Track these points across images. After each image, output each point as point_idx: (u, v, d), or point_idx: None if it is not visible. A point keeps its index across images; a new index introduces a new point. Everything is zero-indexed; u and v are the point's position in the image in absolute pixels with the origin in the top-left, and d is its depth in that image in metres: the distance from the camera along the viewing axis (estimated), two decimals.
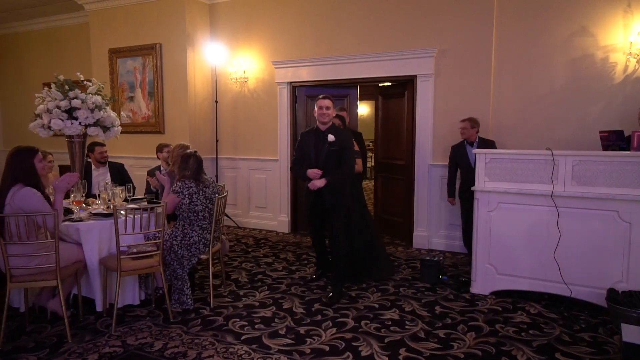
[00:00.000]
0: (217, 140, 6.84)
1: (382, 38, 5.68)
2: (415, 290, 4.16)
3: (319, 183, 3.77)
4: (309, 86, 6.31)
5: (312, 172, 3.80)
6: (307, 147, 3.96)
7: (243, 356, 2.93)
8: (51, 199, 3.20)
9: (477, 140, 4.81)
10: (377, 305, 3.81)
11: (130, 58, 6.96)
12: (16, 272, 3.07)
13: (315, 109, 3.92)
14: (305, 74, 6.20)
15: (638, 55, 4.51)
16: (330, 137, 3.82)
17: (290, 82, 6.35)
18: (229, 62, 6.67)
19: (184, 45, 6.51)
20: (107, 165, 5.01)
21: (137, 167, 6.48)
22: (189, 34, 6.52)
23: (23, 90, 8.79)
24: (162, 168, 4.86)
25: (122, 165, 5.21)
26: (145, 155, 6.55)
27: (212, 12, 6.81)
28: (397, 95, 6.01)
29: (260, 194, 6.73)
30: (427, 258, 4.44)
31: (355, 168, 4.19)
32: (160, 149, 5.00)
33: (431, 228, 5.63)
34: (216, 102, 6.78)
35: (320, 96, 3.94)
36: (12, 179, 3.06)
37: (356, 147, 4.40)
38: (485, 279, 4.03)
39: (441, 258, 4.48)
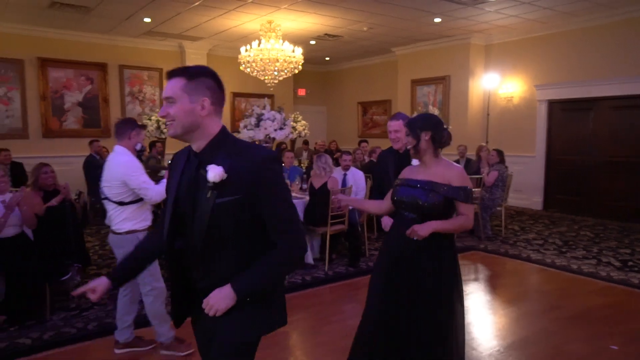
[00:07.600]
0: (486, 142, 9.61)
1: (624, 63, 7.54)
2: None
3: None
4: (562, 102, 8.54)
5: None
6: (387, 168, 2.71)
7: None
8: None
9: None
10: (614, 246, 6.05)
11: (426, 85, 10.33)
12: None
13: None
14: (559, 94, 8.48)
15: None
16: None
17: (548, 100, 8.69)
18: (499, 86, 9.37)
19: (466, 76, 9.49)
20: None
21: None
22: (470, 68, 9.45)
23: (343, 107, 13.25)
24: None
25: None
26: None
27: (487, 51, 9.61)
28: (632, 107, 7.66)
29: (518, 181, 9.20)
30: None
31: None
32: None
33: None
34: (488, 114, 9.57)
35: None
36: None
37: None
38: None
39: None
